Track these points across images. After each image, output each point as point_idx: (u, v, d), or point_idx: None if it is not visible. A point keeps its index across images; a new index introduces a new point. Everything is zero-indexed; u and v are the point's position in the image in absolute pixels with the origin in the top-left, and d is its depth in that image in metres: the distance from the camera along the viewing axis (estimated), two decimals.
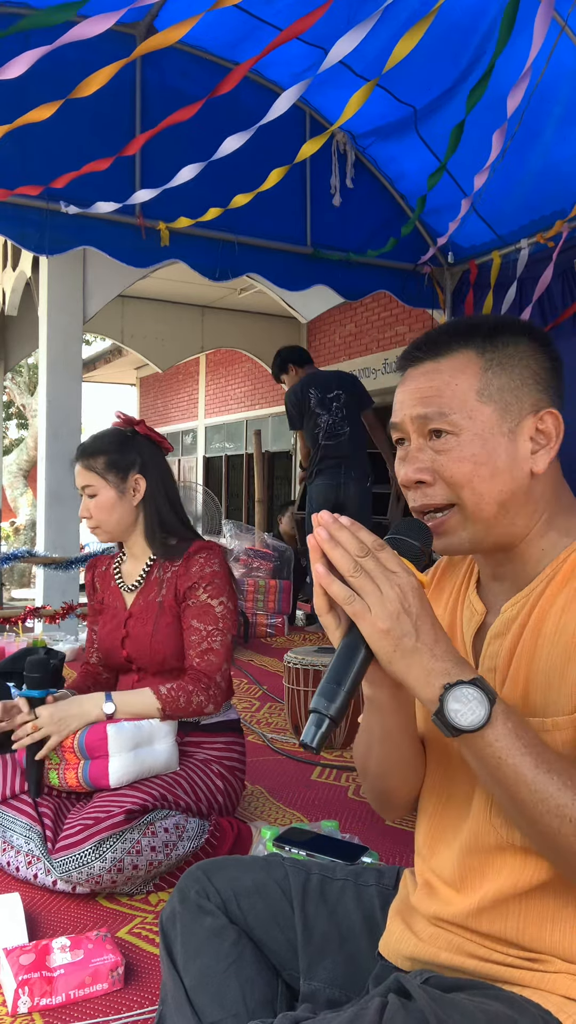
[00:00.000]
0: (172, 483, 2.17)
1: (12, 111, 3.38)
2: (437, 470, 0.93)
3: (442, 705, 0.79)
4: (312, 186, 4.66)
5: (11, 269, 6.95)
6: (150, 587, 2.10)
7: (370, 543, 0.83)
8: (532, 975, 0.87)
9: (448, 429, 0.92)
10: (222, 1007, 1.01)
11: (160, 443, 2.17)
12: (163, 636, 2.05)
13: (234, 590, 2.09)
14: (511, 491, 0.92)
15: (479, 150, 3.56)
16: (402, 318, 8.24)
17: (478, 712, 0.79)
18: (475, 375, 0.93)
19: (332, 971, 1.06)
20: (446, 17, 3.43)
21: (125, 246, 4.18)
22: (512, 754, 0.79)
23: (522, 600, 0.95)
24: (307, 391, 5.24)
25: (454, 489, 0.92)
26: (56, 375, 5.73)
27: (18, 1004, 1.46)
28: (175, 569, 2.06)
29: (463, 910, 0.93)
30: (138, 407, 15.25)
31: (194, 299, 9.50)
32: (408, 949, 0.97)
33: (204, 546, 2.07)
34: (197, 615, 2.02)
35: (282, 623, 5.76)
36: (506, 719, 0.80)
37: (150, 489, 2.09)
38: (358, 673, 0.83)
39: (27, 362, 14.23)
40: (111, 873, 1.79)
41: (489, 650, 0.96)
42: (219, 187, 3.92)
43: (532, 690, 0.90)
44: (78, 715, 1.92)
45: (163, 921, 1.13)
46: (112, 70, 2.80)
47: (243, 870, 1.15)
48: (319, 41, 3.68)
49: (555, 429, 0.94)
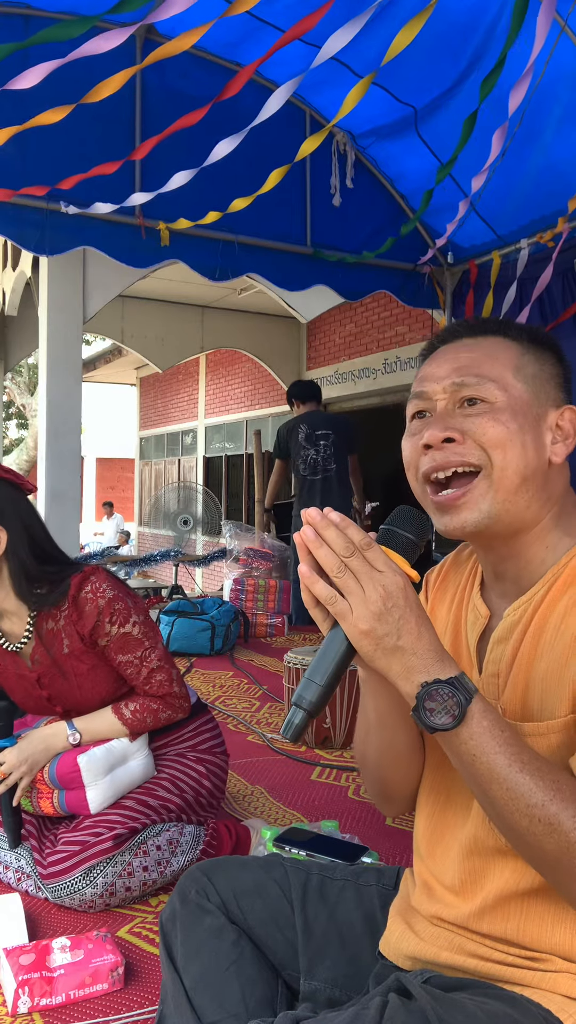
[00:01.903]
0: (36, 524, 1.91)
1: (11, 110, 3.39)
2: (469, 430, 0.93)
3: (418, 703, 0.81)
4: (312, 186, 4.66)
5: (11, 269, 6.95)
6: (48, 641, 1.89)
7: (358, 541, 0.83)
8: (533, 975, 0.87)
9: (485, 397, 0.94)
10: (222, 1007, 1.01)
11: (20, 484, 1.91)
12: (90, 683, 1.92)
13: (137, 600, 1.93)
14: (534, 468, 0.94)
15: (480, 150, 3.56)
16: (402, 318, 8.24)
17: (452, 711, 0.80)
18: (514, 355, 0.97)
19: (332, 971, 1.06)
20: (446, 16, 3.43)
21: (125, 246, 4.18)
22: (486, 752, 0.80)
23: (524, 604, 0.95)
24: (298, 426, 5.62)
25: (487, 449, 0.93)
26: (56, 375, 5.73)
27: (18, 1004, 1.46)
28: (65, 614, 1.86)
29: (464, 912, 0.93)
30: (138, 407, 15.25)
31: (194, 299, 9.50)
32: (409, 948, 0.97)
33: (83, 579, 1.86)
34: (120, 648, 1.87)
35: (282, 623, 5.76)
36: (482, 717, 0.81)
37: (11, 541, 1.84)
38: (338, 668, 0.85)
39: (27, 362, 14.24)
40: (103, 898, 1.78)
41: (492, 655, 0.97)
42: (220, 187, 3.92)
43: (530, 695, 0.91)
44: (43, 751, 1.87)
45: (163, 921, 1.13)
46: (124, 76, 2.81)
47: (243, 870, 1.15)
48: (318, 40, 3.67)
49: (573, 427, 0.97)
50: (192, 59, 4.22)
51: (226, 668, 4.58)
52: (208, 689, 4.07)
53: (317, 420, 5.66)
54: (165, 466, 14.34)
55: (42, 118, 2.91)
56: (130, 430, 17.70)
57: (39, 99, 3.14)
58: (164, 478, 14.24)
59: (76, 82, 3.10)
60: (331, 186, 4.61)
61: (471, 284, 4.94)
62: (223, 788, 2.08)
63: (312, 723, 0.84)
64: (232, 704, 3.78)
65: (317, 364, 9.83)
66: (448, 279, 5.12)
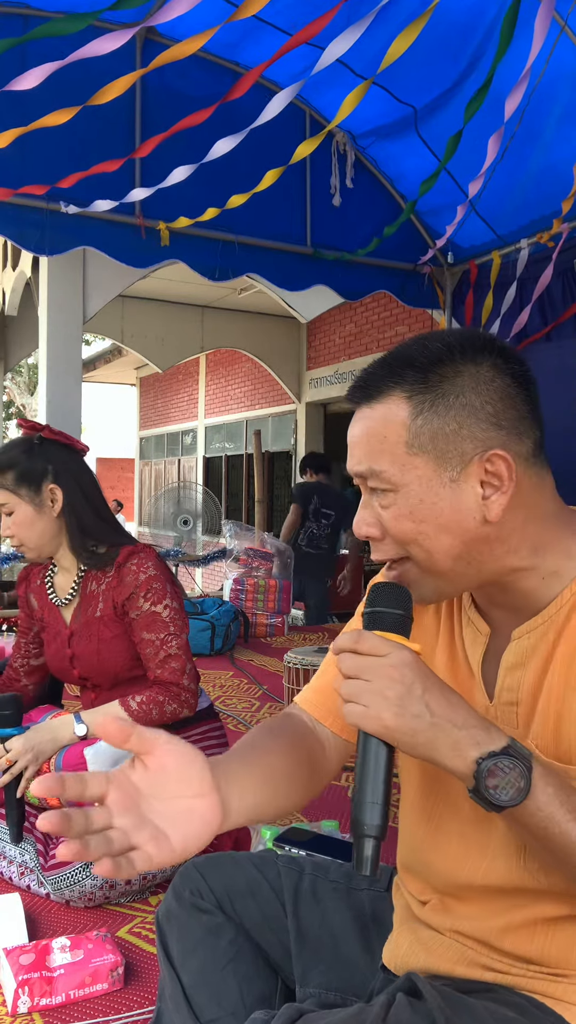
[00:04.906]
0: (92, 486, 2.02)
1: (11, 111, 3.39)
2: (383, 525, 0.87)
3: (478, 783, 0.74)
4: (312, 186, 4.66)
5: (11, 269, 6.95)
6: (87, 602, 1.99)
7: (345, 645, 0.79)
8: (554, 986, 0.85)
9: (383, 487, 0.86)
10: (220, 1005, 1.01)
11: (71, 445, 2.03)
12: (109, 652, 1.96)
13: (176, 588, 1.98)
14: (464, 542, 0.84)
15: (480, 150, 3.56)
16: (402, 318, 8.24)
17: (518, 784, 0.73)
18: (403, 425, 0.84)
19: (326, 976, 1.05)
20: (446, 17, 3.43)
21: (125, 246, 4.18)
22: (558, 821, 0.74)
23: (540, 627, 0.87)
24: (312, 496, 6.11)
25: (403, 545, 0.86)
26: (56, 375, 5.72)
27: (18, 1004, 1.46)
28: (108, 580, 1.95)
29: (487, 928, 0.89)
30: (138, 407, 15.25)
31: (194, 299, 9.50)
32: (419, 963, 0.94)
33: (133, 551, 1.94)
34: (146, 626, 1.91)
35: (282, 623, 5.76)
36: (546, 784, 0.75)
37: (68, 497, 1.95)
38: (387, 776, 0.78)
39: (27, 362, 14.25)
40: (103, 890, 1.78)
41: (507, 682, 0.89)
42: (220, 187, 3.92)
43: (565, 732, 0.83)
44: (50, 741, 1.87)
45: (159, 919, 1.12)
46: (130, 80, 2.81)
47: (236, 868, 1.13)
48: (318, 40, 3.68)
49: (507, 471, 0.83)
50: (192, 59, 4.17)
51: (226, 668, 4.59)
52: (208, 689, 4.07)
53: (328, 498, 6.12)
54: (165, 466, 14.34)
55: (46, 120, 2.91)
56: (130, 430, 17.71)
57: (39, 100, 3.14)
58: (164, 478, 14.24)
59: (76, 83, 3.10)
60: (331, 186, 4.60)
61: (471, 284, 4.94)
62: None
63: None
64: (232, 704, 3.78)
65: (317, 364, 9.83)
66: (448, 279, 5.12)
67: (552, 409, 5.00)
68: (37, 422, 2.05)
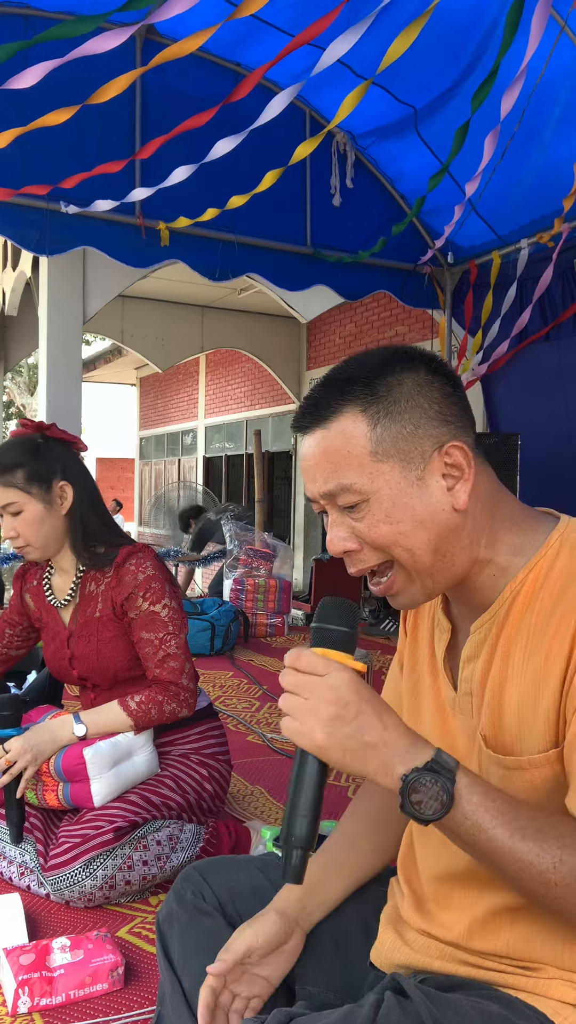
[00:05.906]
0: (93, 485, 2.02)
1: (11, 110, 3.39)
2: (362, 535, 0.90)
3: (403, 799, 0.77)
4: (312, 186, 4.67)
5: (11, 269, 6.95)
6: (85, 602, 1.99)
7: (287, 661, 0.81)
8: (527, 980, 0.87)
9: (354, 500, 0.88)
10: None
11: (74, 443, 2.03)
12: (108, 652, 1.97)
13: (175, 587, 1.98)
14: (439, 535, 0.88)
15: (480, 150, 3.56)
16: (402, 318, 8.24)
17: (440, 798, 0.76)
18: (364, 435, 0.88)
19: (329, 975, 1.05)
20: (446, 17, 3.43)
21: (125, 246, 4.18)
22: (484, 828, 0.77)
23: (488, 621, 0.92)
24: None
25: (384, 549, 0.89)
26: (56, 375, 5.72)
27: (18, 1004, 1.46)
28: (107, 581, 1.95)
29: (453, 931, 0.93)
30: (138, 407, 15.26)
31: (194, 299, 9.50)
32: (400, 958, 0.97)
33: (132, 551, 1.94)
34: (145, 626, 1.91)
35: (282, 623, 5.76)
36: (471, 793, 0.78)
37: (77, 495, 1.95)
38: (318, 790, 0.81)
39: (27, 362, 14.26)
40: (103, 890, 1.78)
41: (464, 673, 0.94)
42: (221, 187, 3.92)
43: (506, 724, 0.88)
44: (49, 741, 1.87)
45: (160, 921, 1.12)
46: (130, 78, 2.81)
47: (239, 871, 1.14)
48: (318, 41, 3.68)
49: (465, 460, 0.88)
50: (192, 59, 4.22)
51: (226, 668, 4.59)
52: (208, 689, 4.07)
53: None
54: (165, 466, 14.34)
55: (46, 120, 2.91)
56: (130, 430, 17.72)
57: (39, 99, 3.15)
58: (164, 478, 14.25)
59: (76, 81, 3.10)
60: (331, 186, 4.61)
61: (471, 284, 4.94)
62: (224, 795, 2.09)
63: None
64: (232, 704, 3.78)
65: (317, 364, 9.83)
66: (448, 279, 5.13)
67: (552, 409, 5.03)
68: (42, 421, 2.04)
